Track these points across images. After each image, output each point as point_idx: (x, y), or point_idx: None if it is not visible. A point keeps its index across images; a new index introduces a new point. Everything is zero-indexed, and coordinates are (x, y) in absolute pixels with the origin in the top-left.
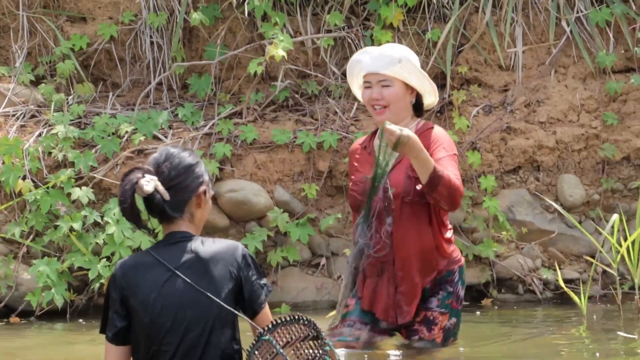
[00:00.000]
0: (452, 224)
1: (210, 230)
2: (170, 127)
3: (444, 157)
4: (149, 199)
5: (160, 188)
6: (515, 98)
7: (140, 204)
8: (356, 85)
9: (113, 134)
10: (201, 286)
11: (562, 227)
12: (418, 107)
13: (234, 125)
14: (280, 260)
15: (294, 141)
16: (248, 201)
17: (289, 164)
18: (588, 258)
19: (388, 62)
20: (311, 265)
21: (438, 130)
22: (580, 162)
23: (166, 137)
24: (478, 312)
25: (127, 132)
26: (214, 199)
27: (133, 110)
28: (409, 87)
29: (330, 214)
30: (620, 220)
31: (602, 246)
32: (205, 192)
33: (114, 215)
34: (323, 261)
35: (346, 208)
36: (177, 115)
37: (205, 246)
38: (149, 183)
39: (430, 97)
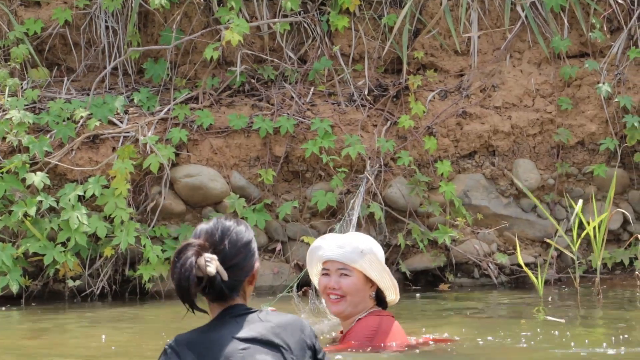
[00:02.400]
0: (409, 209)
1: (166, 216)
2: (126, 112)
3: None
4: (205, 279)
5: (220, 269)
6: (471, 83)
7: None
8: (315, 272)
9: (68, 119)
10: (284, 354)
11: (518, 212)
12: (380, 301)
13: (190, 110)
14: None
15: (250, 126)
16: (204, 186)
17: (245, 149)
18: (548, 241)
19: (350, 251)
20: (268, 250)
21: (366, 322)
22: (536, 146)
23: (122, 122)
24: (434, 296)
25: (82, 117)
26: (170, 183)
27: (88, 95)
28: (369, 280)
29: (287, 199)
30: (572, 205)
31: (558, 230)
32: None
33: (69, 200)
34: (279, 246)
35: (302, 193)
36: (132, 100)
37: (274, 316)
38: (211, 264)
39: (391, 295)
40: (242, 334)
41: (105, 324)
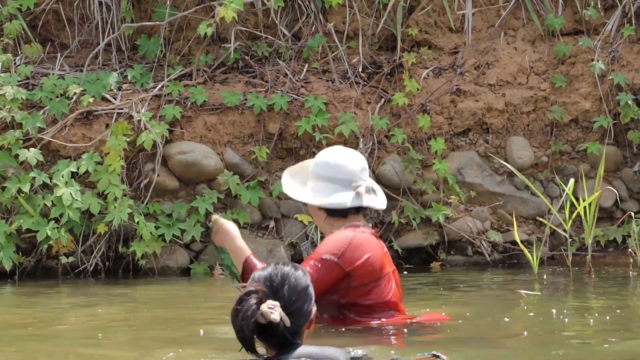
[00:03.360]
0: (403, 187)
1: (160, 193)
2: (119, 89)
3: (306, 260)
4: (267, 326)
5: (283, 315)
6: (465, 60)
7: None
8: None
9: (61, 95)
10: None
11: (511, 190)
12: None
13: (183, 87)
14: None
15: (244, 103)
16: (198, 163)
17: (239, 126)
18: (541, 219)
19: (289, 184)
20: (261, 227)
21: (328, 237)
22: (529, 124)
23: (115, 98)
24: (427, 274)
25: (75, 93)
26: (164, 160)
27: (82, 71)
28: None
29: (281, 177)
30: (563, 182)
31: (551, 208)
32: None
33: (62, 177)
34: (272, 224)
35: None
36: (126, 76)
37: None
38: (275, 311)
39: (340, 201)
40: None
41: (99, 299)
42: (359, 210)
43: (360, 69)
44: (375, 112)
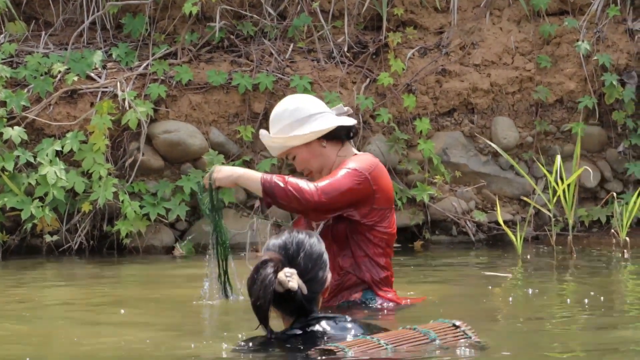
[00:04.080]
0: (388, 167)
1: (144, 172)
2: (104, 67)
3: (338, 170)
4: (284, 294)
5: (301, 283)
6: (451, 40)
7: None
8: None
9: (46, 73)
10: None
11: (496, 170)
12: (337, 136)
13: (168, 66)
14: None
15: (230, 82)
16: (183, 142)
17: (224, 106)
18: (525, 199)
19: (270, 143)
20: (247, 207)
21: (359, 155)
22: (514, 104)
23: (100, 77)
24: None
25: (60, 71)
26: (149, 139)
27: (66, 49)
28: (313, 142)
29: (266, 156)
30: (550, 163)
31: (535, 189)
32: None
33: (47, 155)
34: (257, 203)
35: None
36: (111, 55)
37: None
38: (292, 278)
39: (326, 123)
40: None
41: (84, 278)
42: (349, 135)
43: (345, 49)
44: (360, 92)
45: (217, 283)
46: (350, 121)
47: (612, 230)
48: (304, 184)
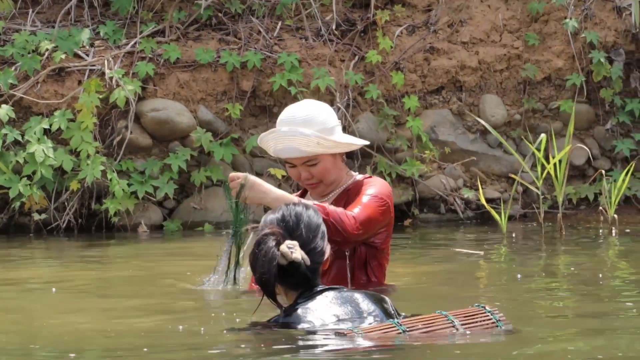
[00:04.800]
0: (377, 144)
1: (132, 150)
2: (91, 45)
3: (363, 197)
4: (288, 267)
5: (303, 254)
6: (439, 18)
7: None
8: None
9: (33, 51)
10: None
11: (484, 147)
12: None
13: (156, 44)
14: (203, 179)
15: (218, 60)
16: (171, 120)
17: (212, 84)
18: (513, 176)
19: (304, 143)
20: None
21: (374, 179)
22: (502, 82)
23: (88, 55)
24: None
25: (47, 49)
26: (137, 117)
27: (54, 27)
28: (334, 154)
29: (255, 134)
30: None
31: (523, 166)
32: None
33: (34, 134)
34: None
35: (269, 128)
36: (98, 33)
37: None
38: (295, 250)
39: (354, 145)
40: (339, 299)
41: (72, 257)
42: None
43: (333, 27)
44: (349, 69)
45: (225, 275)
46: (363, 142)
47: (600, 208)
48: (343, 214)
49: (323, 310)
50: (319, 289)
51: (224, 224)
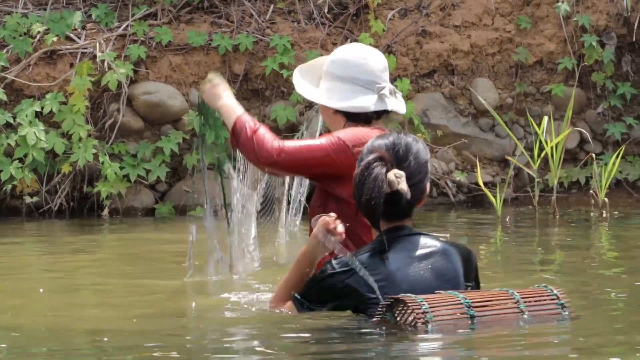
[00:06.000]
0: None
1: (124, 133)
2: (83, 28)
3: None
4: (388, 197)
5: (406, 186)
6: (431, 1)
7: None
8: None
9: (25, 34)
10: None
11: (476, 131)
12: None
13: (148, 27)
14: (196, 163)
15: (210, 43)
16: (163, 103)
17: (205, 67)
18: (509, 158)
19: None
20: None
21: (351, 128)
22: (494, 65)
23: (79, 38)
24: None
25: (39, 32)
26: (129, 101)
27: (45, 9)
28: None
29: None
30: (532, 123)
31: (517, 148)
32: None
33: (26, 116)
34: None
35: (261, 112)
36: (90, 15)
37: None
38: (402, 180)
39: (360, 104)
40: (420, 251)
41: (64, 241)
42: (380, 115)
43: (326, 10)
44: None
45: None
46: (397, 106)
47: (591, 191)
48: (270, 140)
49: (404, 270)
50: (413, 231)
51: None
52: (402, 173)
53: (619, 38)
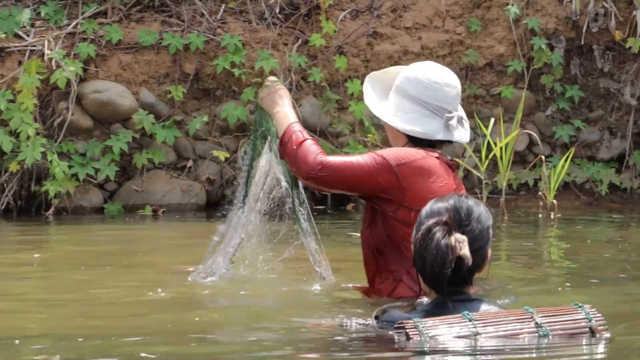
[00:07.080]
0: (319, 128)
1: (73, 132)
2: (32, 26)
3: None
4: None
5: (468, 252)
6: (382, 3)
7: None
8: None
9: None
10: None
11: None
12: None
13: (98, 25)
14: (145, 162)
15: (160, 42)
16: (112, 102)
17: (155, 66)
18: (458, 160)
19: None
20: (177, 168)
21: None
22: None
23: (28, 35)
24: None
25: None
26: (78, 99)
27: None
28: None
29: (197, 117)
30: (482, 125)
31: (465, 150)
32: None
33: None
34: (190, 164)
35: (212, 112)
36: (39, 13)
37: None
38: (464, 245)
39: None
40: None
41: (11, 241)
42: (443, 142)
43: (277, 10)
44: (292, 52)
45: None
46: (463, 136)
47: (540, 193)
48: (313, 153)
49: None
50: (470, 297)
51: (166, 206)
52: (464, 238)
53: (567, 41)
